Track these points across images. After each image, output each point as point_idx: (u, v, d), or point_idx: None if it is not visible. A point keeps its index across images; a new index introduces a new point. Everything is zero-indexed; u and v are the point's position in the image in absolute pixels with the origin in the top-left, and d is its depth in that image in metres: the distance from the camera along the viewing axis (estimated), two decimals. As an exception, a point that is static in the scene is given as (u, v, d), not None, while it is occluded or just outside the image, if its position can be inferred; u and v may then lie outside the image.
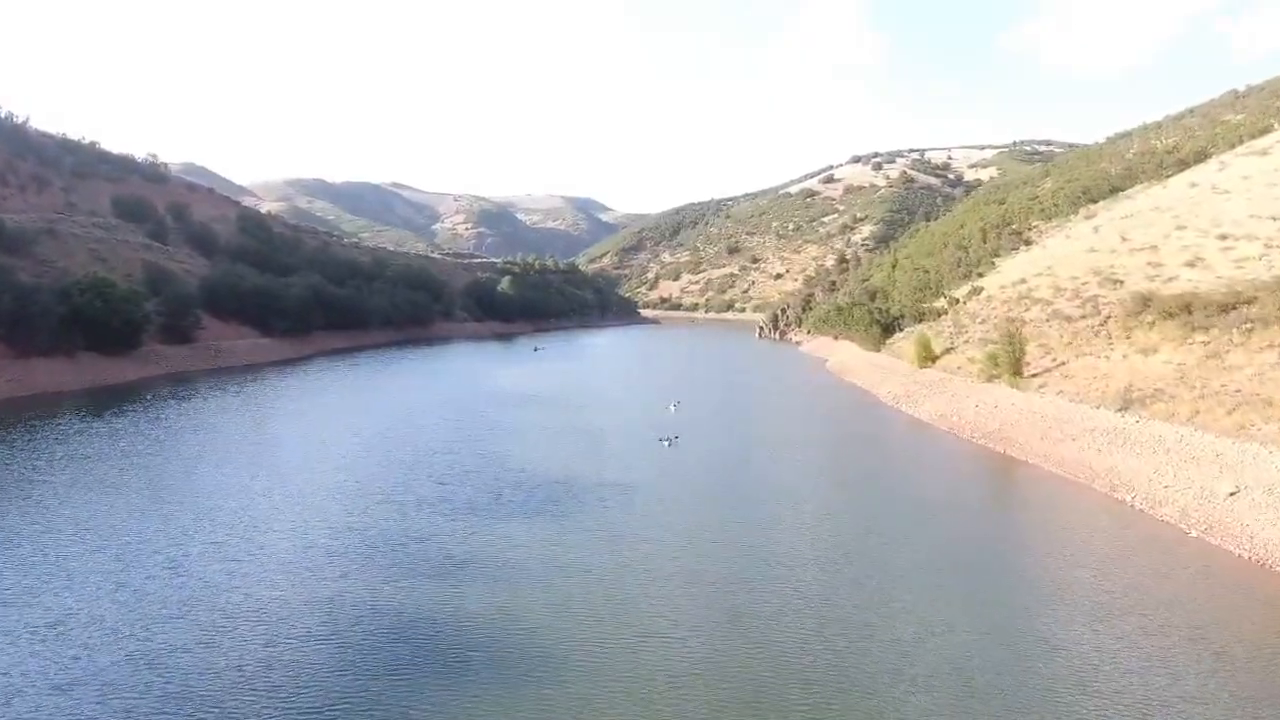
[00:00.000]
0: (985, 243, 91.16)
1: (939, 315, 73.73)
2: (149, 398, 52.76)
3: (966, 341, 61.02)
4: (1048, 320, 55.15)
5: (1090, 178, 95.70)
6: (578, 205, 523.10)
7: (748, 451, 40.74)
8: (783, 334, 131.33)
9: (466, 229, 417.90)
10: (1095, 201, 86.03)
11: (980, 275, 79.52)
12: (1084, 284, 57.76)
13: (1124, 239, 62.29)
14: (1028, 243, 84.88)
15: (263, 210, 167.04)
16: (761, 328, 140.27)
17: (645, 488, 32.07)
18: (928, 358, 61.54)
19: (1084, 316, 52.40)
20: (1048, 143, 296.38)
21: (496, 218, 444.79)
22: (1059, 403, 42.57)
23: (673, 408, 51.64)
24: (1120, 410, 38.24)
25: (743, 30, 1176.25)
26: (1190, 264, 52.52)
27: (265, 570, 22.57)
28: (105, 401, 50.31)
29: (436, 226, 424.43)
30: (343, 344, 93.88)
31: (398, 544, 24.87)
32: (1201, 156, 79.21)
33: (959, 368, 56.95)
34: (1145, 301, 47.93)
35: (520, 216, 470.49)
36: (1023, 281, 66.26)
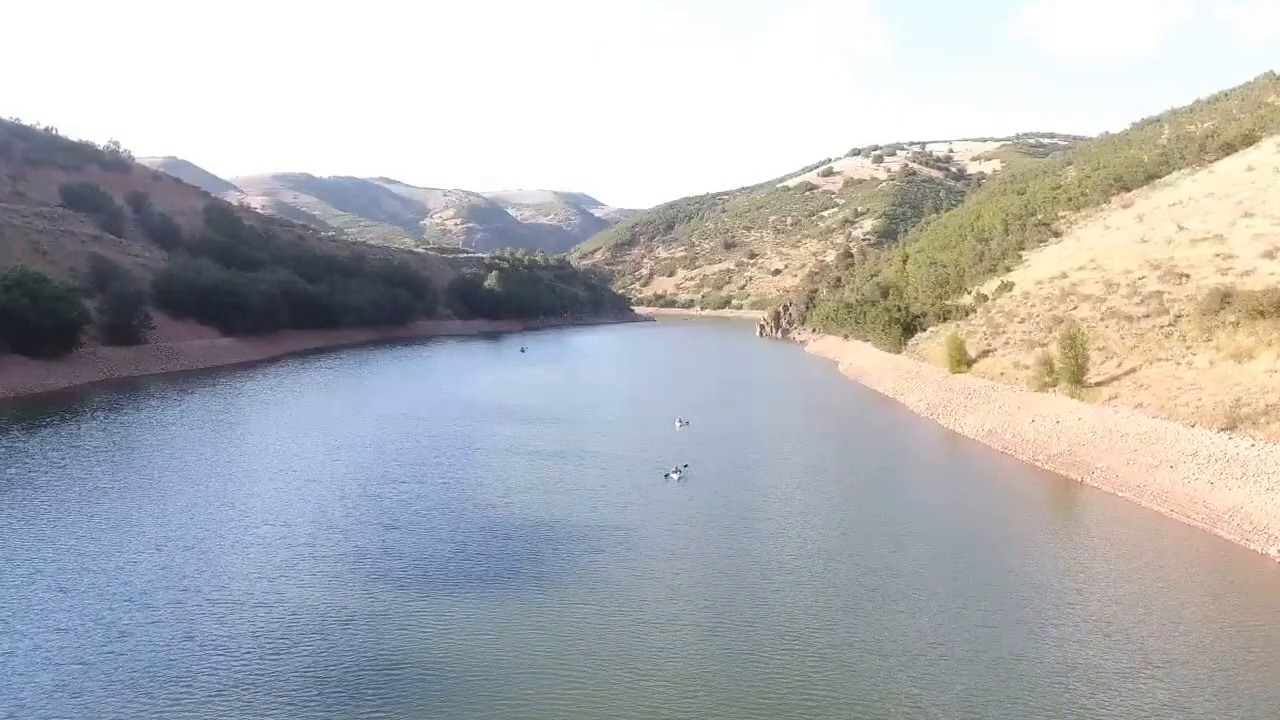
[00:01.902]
0: (1008, 235, 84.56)
1: (966, 314, 67.02)
2: (76, 408, 45.74)
3: (1006, 343, 54.29)
4: (1103, 320, 48.48)
5: (1121, 165, 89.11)
6: (570, 200, 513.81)
7: (773, 484, 33.46)
8: (785, 333, 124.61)
9: (456, 224, 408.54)
10: (1129, 189, 79.47)
11: (1008, 269, 72.88)
12: (1140, 278, 51.10)
13: (1180, 228, 55.67)
14: (1057, 234, 78.33)
15: (248, 205, 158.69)
16: (762, 326, 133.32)
17: (651, 537, 25.17)
18: (961, 361, 54.72)
19: (1148, 315, 45.75)
20: (1051, 135, 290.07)
21: (487, 213, 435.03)
22: (1139, 419, 35.80)
23: (678, 425, 44.37)
24: (1226, 430, 31.53)
25: (742, 24, 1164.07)
26: (1269, 255, 45.95)
27: (113, 679, 15.73)
28: (24, 413, 43.23)
29: (425, 222, 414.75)
30: (314, 344, 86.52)
31: (311, 631, 17.98)
32: (1249, 140, 72.63)
33: (1001, 373, 50.20)
34: (1224, 298, 41.34)
35: (511, 212, 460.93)
36: (1063, 276, 59.58)
